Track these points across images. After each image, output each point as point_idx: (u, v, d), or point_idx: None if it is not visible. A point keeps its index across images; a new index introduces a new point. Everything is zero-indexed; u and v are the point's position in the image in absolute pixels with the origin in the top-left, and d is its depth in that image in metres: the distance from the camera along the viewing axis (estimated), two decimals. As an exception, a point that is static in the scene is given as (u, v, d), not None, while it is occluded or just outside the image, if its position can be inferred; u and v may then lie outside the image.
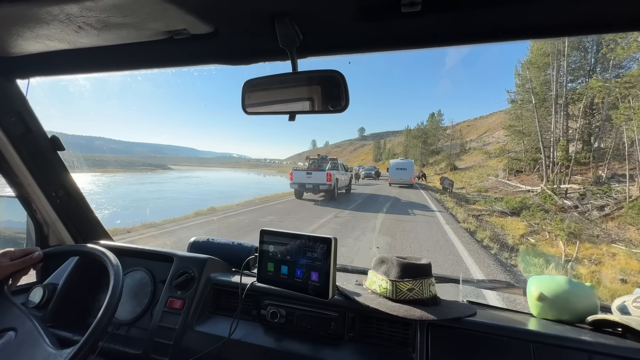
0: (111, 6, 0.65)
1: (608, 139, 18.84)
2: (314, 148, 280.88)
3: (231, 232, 7.46)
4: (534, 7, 0.64)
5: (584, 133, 18.73)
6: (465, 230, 8.36)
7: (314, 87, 0.82)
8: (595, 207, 13.31)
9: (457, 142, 56.19)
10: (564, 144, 18.32)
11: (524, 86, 25.03)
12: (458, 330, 0.86)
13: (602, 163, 18.42)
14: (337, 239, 0.93)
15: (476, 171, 36.17)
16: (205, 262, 1.16)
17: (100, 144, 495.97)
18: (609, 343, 0.76)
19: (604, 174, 17.95)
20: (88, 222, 1.43)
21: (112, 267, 0.86)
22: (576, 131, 20.92)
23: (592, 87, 15.93)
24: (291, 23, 0.71)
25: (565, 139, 19.79)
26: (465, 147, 54.74)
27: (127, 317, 1.13)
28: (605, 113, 18.02)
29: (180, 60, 0.99)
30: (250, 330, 1.01)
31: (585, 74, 21.34)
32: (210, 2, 0.66)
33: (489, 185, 25.94)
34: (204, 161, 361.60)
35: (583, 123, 21.12)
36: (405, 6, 0.63)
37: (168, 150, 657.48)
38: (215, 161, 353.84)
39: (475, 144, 64.31)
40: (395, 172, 26.02)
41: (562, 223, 10.42)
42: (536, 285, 0.99)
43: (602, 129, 18.17)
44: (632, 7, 0.64)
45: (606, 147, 18.22)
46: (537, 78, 22.78)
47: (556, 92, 20.23)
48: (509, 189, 22.74)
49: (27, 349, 0.75)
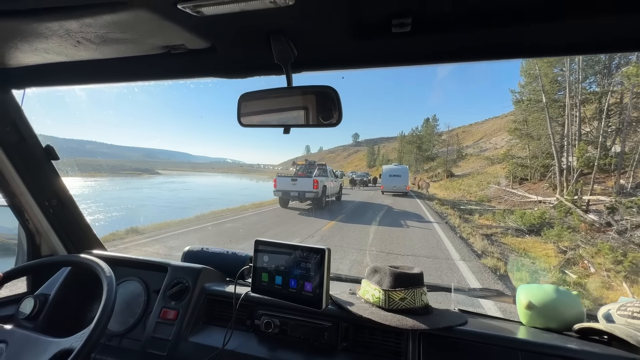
0: (110, 23, 0.67)
1: (630, 142, 16.36)
2: (308, 154, 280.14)
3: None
4: (521, 28, 0.67)
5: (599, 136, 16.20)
6: (493, 273, 5.48)
7: (307, 102, 0.84)
8: (634, 225, 10.71)
9: (454, 147, 53.97)
10: (584, 147, 15.78)
11: (531, 84, 22.69)
12: (449, 339, 0.88)
13: (624, 170, 15.94)
14: (330, 250, 0.94)
15: (475, 178, 33.97)
16: (199, 272, 1.16)
17: (91, 148, 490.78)
18: (595, 351, 0.79)
19: (629, 183, 15.50)
20: (81, 231, 1.42)
21: (105, 277, 0.88)
22: (590, 134, 18.53)
23: (628, 74, 13.40)
24: (286, 40, 0.74)
25: (585, 142, 17.25)
26: (462, 152, 52.51)
27: (119, 328, 1.11)
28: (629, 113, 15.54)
29: (178, 74, 1.01)
30: (244, 340, 1.01)
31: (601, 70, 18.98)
32: (208, 20, 0.67)
33: (492, 194, 23.56)
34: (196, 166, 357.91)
35: (598, 125, 18.76)
36: (395, 27, 0.66)
37: (161, 154, 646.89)
38: (208, 166, 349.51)
39: (472, 150, 62.85)
40: (388, 179, 23.75)
41: (613, 250, 7.73)
42: (525, 293, 1.01)
43: (625, 131, 15.66)
44: (600, 29, 0.67)
45: (630, 151, 15.71)
46: (546, 75, 20.38)
47: (569, 88, 17.75)
48: (515, 198, 20.26)
49: (22, 358, 0.77)
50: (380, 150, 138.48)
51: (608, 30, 0.67)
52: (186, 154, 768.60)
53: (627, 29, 0.66)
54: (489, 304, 3.44)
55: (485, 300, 3.38)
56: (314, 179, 12.48)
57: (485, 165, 40.18)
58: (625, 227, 10.68)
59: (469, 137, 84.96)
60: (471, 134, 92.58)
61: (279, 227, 8.87)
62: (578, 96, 17.86)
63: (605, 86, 18.95)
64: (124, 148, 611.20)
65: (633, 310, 0.86)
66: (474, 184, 30.04)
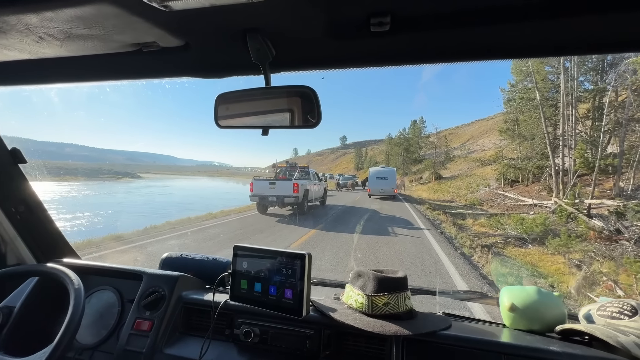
0: (74, 17, 0.63)
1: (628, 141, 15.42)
2: (296, 156, 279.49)
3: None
4: (503, 28, 0.66)
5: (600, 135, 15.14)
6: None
7: (286, 103, 0.83)
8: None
9: (442, 149, 53.39)
10: (583, 147, 14.70)
11: (522, 82, 21.70)
12: (433, 344, 0.87)
13: (625, 171, 14.98)
14: (311, 255, 0.93)
15: (463, 181, 33.10)
16: (176, 280, 1.12)
17: (71, 151, 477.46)
18: (576, 353, 0.79)
19: (629, 186, 14.52)
20: (51, 239, 1.37)
21: (72, 288, 0.85)
22: (585, 133, 17.57)
23: (634, 65, 12.31)
24: (263, 39, 0.72)
25: (585, 142, 16.17)
26: (451, 154, 51.98)
27: (91, 341, 1.07)
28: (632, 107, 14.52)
29: (150, 73, 0.98)
30: (223, 350, 0.98)
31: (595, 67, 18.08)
32: (179, 17, 0.65)
33: (483, 197, 22.47)
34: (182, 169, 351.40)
35: (592, 124, 17.86)
36: (374, 26, 0.65)
37: (145, 157, 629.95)
38: (194, 169, 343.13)
39: (459, 152, 62.78)
40: (375, 181, 22.57)
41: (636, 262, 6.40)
42: (508, 295, 1.01)
43: (624, 129, 14.64)
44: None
45: (629, 151, 14.72)
46: (539, 72, 19.36)
47: (564, 85, 16.71)
48: (509, 202, 19.15)
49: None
50: (367, 153, 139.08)
51: (592, 32, 0.67)
52: (171, 157, 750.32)
53: (611, 31, 0.66)
54: (476, 306, 3.22)
55: (472, 303, 3.10)
56: (294, 182, 11.35)
57: (474, 167, 39.71)
58: (638, 234, 9.50)
59: (455, 139, 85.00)
60: (458, 136, 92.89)
61: (243, 242, 7.11)
62: (573, 93, 16.80)
63: (598, 83, 18.10)
64: (106, 151, 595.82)
65: (612, 311, 0.88)
66: (463, 187, 29.09)
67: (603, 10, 0.58)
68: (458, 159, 51.92)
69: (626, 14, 0.59)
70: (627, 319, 0.83)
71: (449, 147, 54.40)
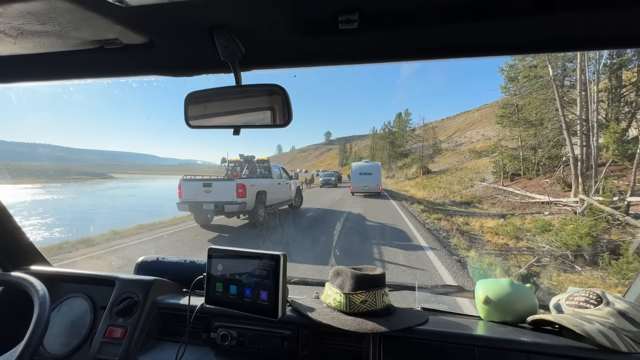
0: (24, 13, 0.60)
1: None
2: (280, 153, 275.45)
3: None
4: (468, 25, 0.65)
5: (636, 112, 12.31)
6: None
7: (257, 101, 0.82)
8: None
9: (430, 142, 50.91)
10: (616, 129, 11.70)
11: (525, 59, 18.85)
12: (409, 339, 0.88)
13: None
14: (286, 255, 0.92)
15: (454, 175, 30.38)
16: (150, 285, 1.10)
17: (45, 152, 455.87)
18: (545, 342, 0.81)
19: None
20: (17, 246, 1.29)
21: (37, 297, 0.82)
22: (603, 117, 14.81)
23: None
24: (230, 36, 0.70)
25: (616, 123, 13.26)
26: (439, 147, 49.53)
27: (62, 350, 1.03)
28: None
29: (114, 71, 0.94)
30: (199, 355, 0.97)
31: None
32: (140, 13, 0.63)
33: (480, 194, 19.60)
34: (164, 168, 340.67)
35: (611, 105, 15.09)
36: (342, 23, 0.65)
37: (125, 157, 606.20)
38: (177, 168, 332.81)
39: (446, 145, 60.64)
40: (358, 177, 19.74)
41: None
42: (483, 288, 1.03)
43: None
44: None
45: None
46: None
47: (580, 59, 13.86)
48: (513, 199, 16.27)
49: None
50: (352, 148, 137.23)
51: (574, 27, 0.66)
52: (153, 157, 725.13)
53: (590, 25, 0.65)
54: (457, 299, 3.02)
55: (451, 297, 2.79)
56: (239, 183, 8.12)
57: (463, 160, 37.27)
58: None
59: (441, 132, 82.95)
60: (444, 129, 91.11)
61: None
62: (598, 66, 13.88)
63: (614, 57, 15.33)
64: (83, 151, 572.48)
65: (579, 300, 0.90)
66: (455, 181, 26.34)
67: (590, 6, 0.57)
68: (446, 152, 49.60)
69: (607, 10, 0.58)
70: (593, 308, 0.87)
71: (436, 139, 51.80)
